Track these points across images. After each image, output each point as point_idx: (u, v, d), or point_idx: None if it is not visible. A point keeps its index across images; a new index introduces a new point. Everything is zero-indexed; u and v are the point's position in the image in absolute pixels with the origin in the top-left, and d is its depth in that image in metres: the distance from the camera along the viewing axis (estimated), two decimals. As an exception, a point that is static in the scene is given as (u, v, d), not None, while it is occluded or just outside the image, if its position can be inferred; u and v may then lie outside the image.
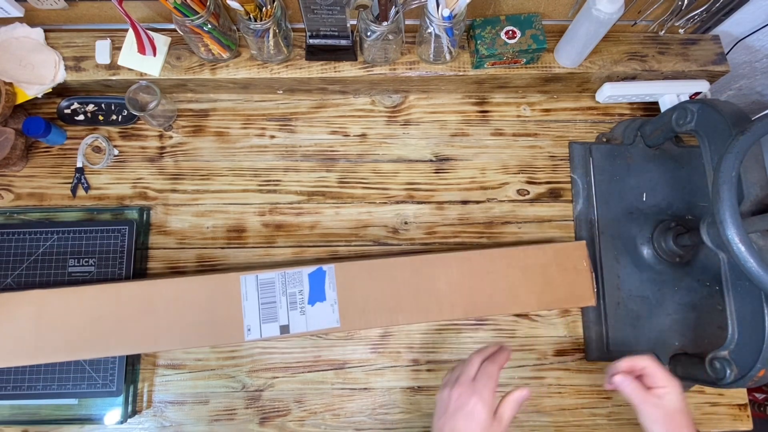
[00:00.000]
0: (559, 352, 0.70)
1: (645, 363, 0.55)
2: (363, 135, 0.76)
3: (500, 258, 0.66)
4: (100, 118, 0.75)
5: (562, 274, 0.67)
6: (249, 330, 0.62)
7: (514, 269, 0.66)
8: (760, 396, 1.14)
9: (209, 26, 0.62)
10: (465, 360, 0.54)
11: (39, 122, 0.69)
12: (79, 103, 0.75)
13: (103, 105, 0.75)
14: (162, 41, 0.70)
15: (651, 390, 0.53)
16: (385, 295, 0.64)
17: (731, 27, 0.72)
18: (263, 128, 0.76)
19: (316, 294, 0.63)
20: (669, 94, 0.72)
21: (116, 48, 0.70)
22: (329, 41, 0.68)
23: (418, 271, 0.65)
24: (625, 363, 0.55)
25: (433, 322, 0.70)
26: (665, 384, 0.52)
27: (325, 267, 0.63)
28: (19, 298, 0.63)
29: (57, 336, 0.61)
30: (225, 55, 0.69)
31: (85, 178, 0.73)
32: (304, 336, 0.69)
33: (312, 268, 0.63)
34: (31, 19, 0.69)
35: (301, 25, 0.67)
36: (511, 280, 0.66)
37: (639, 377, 0.55)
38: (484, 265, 0.66)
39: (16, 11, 0.66)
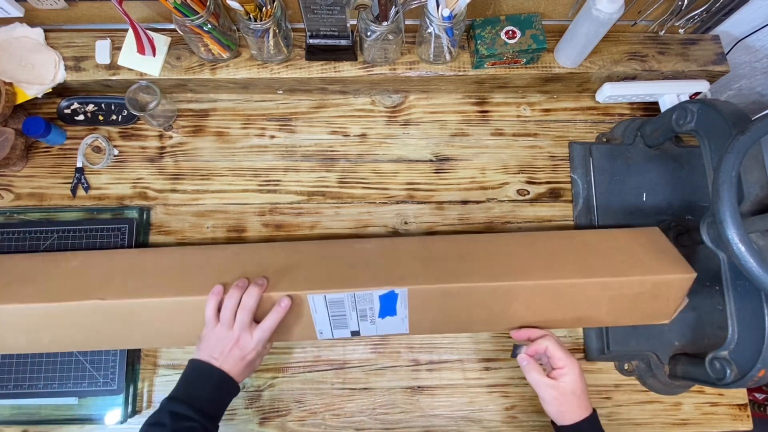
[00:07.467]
0: (559, 352, 0.70)
1: (546, 343, 0.56)
2: (363, 135, 0.76)
3: (592, 287, 0.61)
4: (100, 118, 0.75)
5: (651, 301, 0.62)
6: (321, 333, 0.63)
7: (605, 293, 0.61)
8: (760, 396, 1.14)
9: (209, 26, 0.62)
10: (224, 304, 0.58)
11: (39, 122, 0.69)
12: (79, 103, 0.75)
13: (103, 105, 0.75)
14: (162, 41, 0.70)
15: (552, 371, 0.56)
16: (460, 318, 0.62)
17: (731, 27, 0.72)
18: (263, 128, 0.76)
19: (387, 311, 0.61)
20: (669, 94, 0.72)
21: (116, 48, 0.70)
22: (329, 41, 0.68)
23: (497, 297, 0.61)
24: (524, 333, 0.59)
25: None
26: (563, 365, 0.55)
27: (398, 290, 0.60)
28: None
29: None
30: (225, 55, 0.69)
31: (85, 178, 0.73)
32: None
33: (383, 290, 0.60)
34: (31, 19, 0.69)
35: (301, 25, 0.67)
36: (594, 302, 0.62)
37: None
38: (571, 292, 0.61)
39: (16, 11, 0.66)
